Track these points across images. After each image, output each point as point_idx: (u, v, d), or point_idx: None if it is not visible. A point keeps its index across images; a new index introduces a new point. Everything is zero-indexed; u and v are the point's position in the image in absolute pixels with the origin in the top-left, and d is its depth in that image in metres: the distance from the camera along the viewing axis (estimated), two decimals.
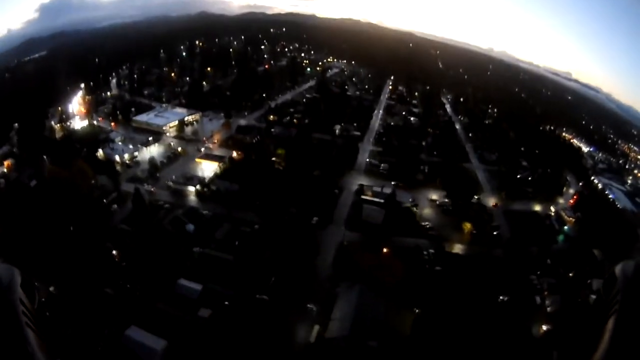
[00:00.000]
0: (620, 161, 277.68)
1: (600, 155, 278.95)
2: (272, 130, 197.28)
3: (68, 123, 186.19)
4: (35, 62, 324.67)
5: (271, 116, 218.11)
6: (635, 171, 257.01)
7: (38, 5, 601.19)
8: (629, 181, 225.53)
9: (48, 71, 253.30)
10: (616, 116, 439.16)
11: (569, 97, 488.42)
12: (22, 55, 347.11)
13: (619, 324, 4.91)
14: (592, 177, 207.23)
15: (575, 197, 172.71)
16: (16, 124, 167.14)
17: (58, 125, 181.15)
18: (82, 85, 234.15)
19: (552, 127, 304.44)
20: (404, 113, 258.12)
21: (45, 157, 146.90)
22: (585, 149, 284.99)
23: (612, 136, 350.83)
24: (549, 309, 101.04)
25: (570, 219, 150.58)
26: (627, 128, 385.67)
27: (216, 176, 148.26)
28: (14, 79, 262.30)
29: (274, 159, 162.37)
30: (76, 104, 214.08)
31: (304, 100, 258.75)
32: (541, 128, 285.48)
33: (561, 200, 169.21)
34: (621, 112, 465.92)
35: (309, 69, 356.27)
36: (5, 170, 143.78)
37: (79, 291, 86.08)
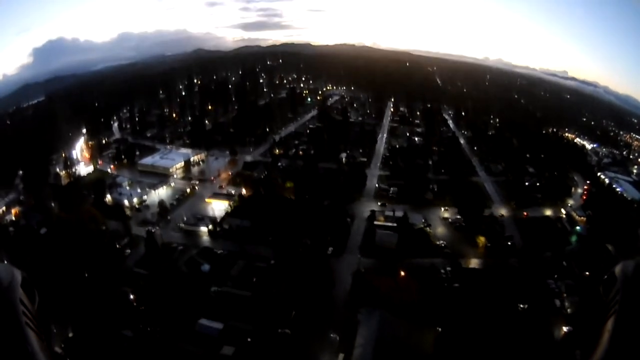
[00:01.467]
0: (624, 152, 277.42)
1: (604, 150, 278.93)
2: (279, 164, 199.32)
3: (73, 169, 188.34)
4: (33, 107, 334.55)
5: (276, 150, 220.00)
6: None
7: (31, 49, 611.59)
8: (635, 171, 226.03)
9: (47, 116, 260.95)
10: (615, 108, 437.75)
11: (568, 96, 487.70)
12: (19, 100, 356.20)
13: (619, 324, 5.00)
14: (599, 173, 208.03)
15: (584, 195, 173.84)
16: (20, 171, 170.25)
17: (63, 171, 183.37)
18: (84, 129, 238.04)
19: (554, 129, 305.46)
20: (407, 134, 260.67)
21: (53, 204, 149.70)
22: (588, 146, 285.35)
23: (613, 128, 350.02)
24: (568, 310, 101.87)
25: (582, 218, 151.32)
26: (627, 118, 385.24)
27: (227, 214, 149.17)
28: (13, 125, 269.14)
29: (283, 192, 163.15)
30: (79, 149, 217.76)
31: (307, 130, 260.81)
32: (543, 131, 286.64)
33: (570, 201, 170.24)
34: (620, 103, 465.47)
35: (309, 99, 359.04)
36: (13, 217, 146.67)
37: (97, 335, 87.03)
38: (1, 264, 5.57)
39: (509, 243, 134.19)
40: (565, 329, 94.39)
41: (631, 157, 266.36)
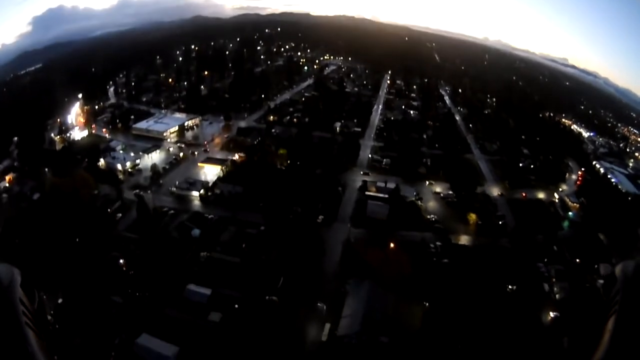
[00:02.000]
0: (621, 145, 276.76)
1: (600, 139, 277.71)
2: (273, 130, 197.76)
3: (68, 134, 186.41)
4: (31, 75, 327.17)
5: (271, 117, 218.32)
6: (637, 154, 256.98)
7: (30, 18, 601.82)
8: (631, 164, 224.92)
9: (45, 83, 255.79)
10: (614, 100, 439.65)
11: (567, 83, 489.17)
12: (17, 69, 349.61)
13: (619, 324, 4.99)
14: (594, 162, 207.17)
15: (578, 182, 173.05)
16: (15, 138, 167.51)
17: (58, 136, 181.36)
18: (80, 95, 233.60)
19: (551, 114, 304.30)
20: (403, 107, 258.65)
21: (46, 169, 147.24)
22: (585, 134, 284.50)
23: (611, 120, 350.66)
24: (557, 296, 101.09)
25: (575, 204, 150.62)
26: (626, 111, 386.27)
27: (219, 180, 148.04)
28: (10, 92, 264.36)
29: (276, 159, 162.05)
30: (75, 114, 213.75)
31: (303, 99, 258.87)
32: (540, 115, 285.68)
33: (564, 187, 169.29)
34: (619, 96, 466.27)
35: (306, 68, 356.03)
36: (7, 184, 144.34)
37: (87, 301, 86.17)
38: (1, 264, 5.47)
39: (500, 222, 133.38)
40: (552, 314, 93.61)
41: (628, 150, 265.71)
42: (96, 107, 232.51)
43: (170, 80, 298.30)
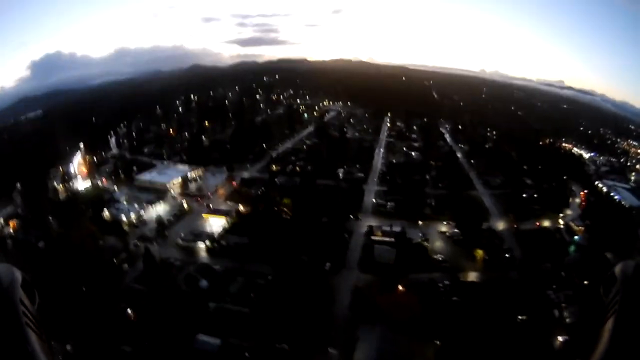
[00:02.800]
0: (622, 159, 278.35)
1: (601, 158, 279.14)
2: (276, 180, 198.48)
3: (71, 184, 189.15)
4: (31, 121, 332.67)
5: (274, 166, 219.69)
6: (638, 166, 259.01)
7: (29, 62, 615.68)
8: (633, 177, 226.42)
9: (46, 131, 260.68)
10: (613, 115, 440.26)
11: (565, 106, 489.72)
12: (17, 114, 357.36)
13: (619, 325, 4.83)
14: (596, 182, 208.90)
15: (582, 205, 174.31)
16: (18, 184, 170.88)
17: (61, 186, 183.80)
18: (82, 144, 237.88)
19: (551, 140, 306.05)
20: (404, 149, 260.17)
21: (51, 218, 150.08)
22: (586, 155, 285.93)
23: (610, 136, 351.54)
24: (567, 320, 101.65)
25: (580, 228, 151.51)
26: (625, 125, 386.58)
27: (225, 231, 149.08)
28: (11, 138, 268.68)
29: (281, 209, 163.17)
30: (77, 164, 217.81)
31: (305, 147, 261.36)
32: (541, 143, 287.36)
33: (569, 211, 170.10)
34: (617, 110, 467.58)
35: (306, 115, 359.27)
36: (11, 231, 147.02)
37: (96, 350, 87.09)
38: (1, 264, 5.32)
39: (507, 255, 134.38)
40: (561, 338, 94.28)
41: (629, 164, 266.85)
42: (98, 157, 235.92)
43: (171, 131, 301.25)
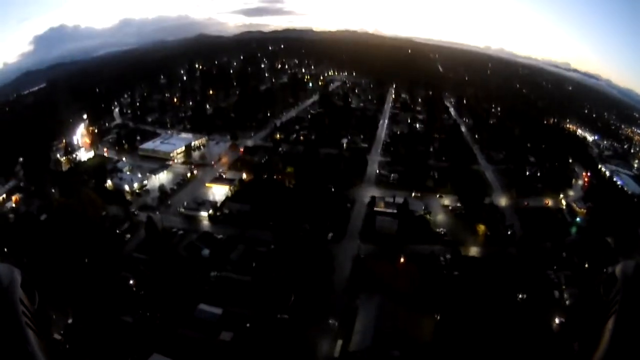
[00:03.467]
0: (625, 146, 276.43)
1: (605, 142, 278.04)
2: (280, 148, 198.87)
3: (74, 155, 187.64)
4: (34, 94, 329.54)
5: (277, 135, 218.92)
6: None
7: (32, 37, 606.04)
8: (635, 165, 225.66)
9: (48, 103, 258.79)
10: (617, 101, 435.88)
11: (570, 88, 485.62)
12: (20, 88, 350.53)
13: (619, 324, 5.04)
14: (599, 166, 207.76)
15: (585, 187, 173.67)
16: (21, 158, 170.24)
17: (64, 157, 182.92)
18: (85, 115, 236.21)
19: (555, 120, 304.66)
20: (408, 120, 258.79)
21: (53, 190, 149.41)
22: (589, 137, 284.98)
23: (614, 122, 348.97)
24: (567, 302, 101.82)
25: (582, 210, 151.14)
26: (629, 112, 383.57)
27: (227, 199, 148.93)
28: (14, 112, 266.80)
29: (284, 177, 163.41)
30: (80, 134, 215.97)
31: (309, 116, 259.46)
32: (545, 122, 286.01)
33: (571, 192, 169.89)
34: (622, 97, 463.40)
35: (310, 84, 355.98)
36: (13, 204, 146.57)
37: (97, 321, 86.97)
38: (1, 264, 5.54)
39: (509, 232, 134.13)
40: (563, 320, 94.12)
41: (632, 150, 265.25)
42: (101, 127, 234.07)
43: (175, 99, 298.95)
